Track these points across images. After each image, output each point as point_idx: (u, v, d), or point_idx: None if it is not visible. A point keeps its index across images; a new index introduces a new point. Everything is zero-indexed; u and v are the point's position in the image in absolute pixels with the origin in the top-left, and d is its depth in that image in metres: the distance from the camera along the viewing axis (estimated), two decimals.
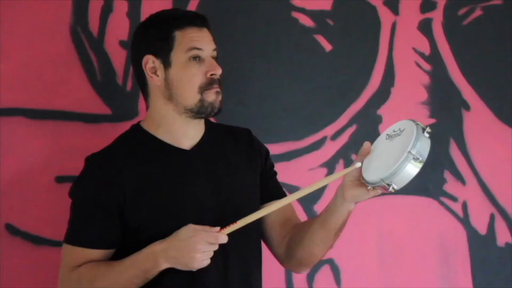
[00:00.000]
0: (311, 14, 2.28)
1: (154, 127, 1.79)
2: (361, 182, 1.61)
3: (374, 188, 1.59)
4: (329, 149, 2.29)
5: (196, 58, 1.75)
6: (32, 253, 2.07)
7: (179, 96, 1.75)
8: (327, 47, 2.30)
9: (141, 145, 1.79)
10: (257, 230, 1.83)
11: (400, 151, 1.55)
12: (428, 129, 1.56)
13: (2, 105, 2.07)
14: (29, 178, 2.07)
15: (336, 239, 1.75)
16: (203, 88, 1.75)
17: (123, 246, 1.73)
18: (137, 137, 1.80)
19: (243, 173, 1.83)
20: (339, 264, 2.27)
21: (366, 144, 1.65)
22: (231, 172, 1.81)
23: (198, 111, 1.76)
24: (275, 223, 1.84)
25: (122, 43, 2.14)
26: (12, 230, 2.06)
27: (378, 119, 2.32)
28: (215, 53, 1.79)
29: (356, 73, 2.32)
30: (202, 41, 1.77)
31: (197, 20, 1.78)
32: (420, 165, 1.54)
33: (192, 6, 2.19)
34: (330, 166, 2.28)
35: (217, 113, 1.78)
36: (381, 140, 1.65)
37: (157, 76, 1.77)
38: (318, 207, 2.22)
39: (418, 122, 1.57)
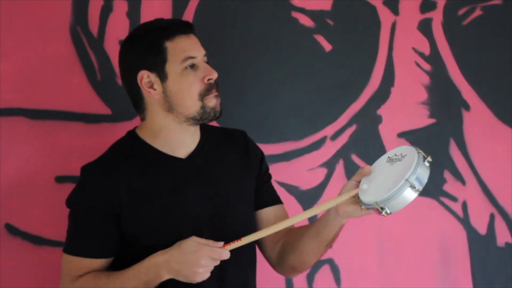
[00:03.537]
0: (310, 14, 2.28)
1: (151, 137, 1.78)
2: (355, 200, 1.63)
3: (367, 208, 1.60)
4: (329, 149, 2.29)
5: (191, 67, 1.75)
6: (32, 253, 2.07)
7: (179, 107, 1.74)
8: (327, 47, 2.30)
9: (137, 154, 1.77)
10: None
11: (398, 177, 1.55)
12: (429, 159, 1.56)
13: (2, 105, 2.07)
14: (29, 178, 2.07)
15: (327, 249, 1.77)
16: (203, 95, 1.74)
17: (122, 255, 1.74)
18: (133, 146, 1.79)
19: (239, 178, 1.83)
20: (339, 264, 2.27)
21: (367, 167, 1.65)
22: (226, 178, 1.81)
23: (201, 118, 1.75)
24: None
25: (121, 43, 2.14)
26: (11, 230, 2.06)
27: (378, 119, 2.32)
28: (205, 58, 1.78)
29: (355, 73, 2.32)
30: (194, 48, 1.76)
31: (184, 27, 1.77)
32: (416, 194, 1.55)
33: (191, 6, 2.19)
34: (329, 166, 2.29)
35: (219, 116, 1.78)
36: (381, 162, 1.66)
37: (155, 90, 1.75)
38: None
39: (420, 151, 1.58)
